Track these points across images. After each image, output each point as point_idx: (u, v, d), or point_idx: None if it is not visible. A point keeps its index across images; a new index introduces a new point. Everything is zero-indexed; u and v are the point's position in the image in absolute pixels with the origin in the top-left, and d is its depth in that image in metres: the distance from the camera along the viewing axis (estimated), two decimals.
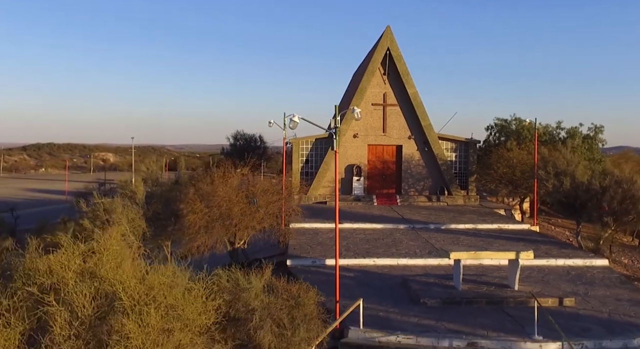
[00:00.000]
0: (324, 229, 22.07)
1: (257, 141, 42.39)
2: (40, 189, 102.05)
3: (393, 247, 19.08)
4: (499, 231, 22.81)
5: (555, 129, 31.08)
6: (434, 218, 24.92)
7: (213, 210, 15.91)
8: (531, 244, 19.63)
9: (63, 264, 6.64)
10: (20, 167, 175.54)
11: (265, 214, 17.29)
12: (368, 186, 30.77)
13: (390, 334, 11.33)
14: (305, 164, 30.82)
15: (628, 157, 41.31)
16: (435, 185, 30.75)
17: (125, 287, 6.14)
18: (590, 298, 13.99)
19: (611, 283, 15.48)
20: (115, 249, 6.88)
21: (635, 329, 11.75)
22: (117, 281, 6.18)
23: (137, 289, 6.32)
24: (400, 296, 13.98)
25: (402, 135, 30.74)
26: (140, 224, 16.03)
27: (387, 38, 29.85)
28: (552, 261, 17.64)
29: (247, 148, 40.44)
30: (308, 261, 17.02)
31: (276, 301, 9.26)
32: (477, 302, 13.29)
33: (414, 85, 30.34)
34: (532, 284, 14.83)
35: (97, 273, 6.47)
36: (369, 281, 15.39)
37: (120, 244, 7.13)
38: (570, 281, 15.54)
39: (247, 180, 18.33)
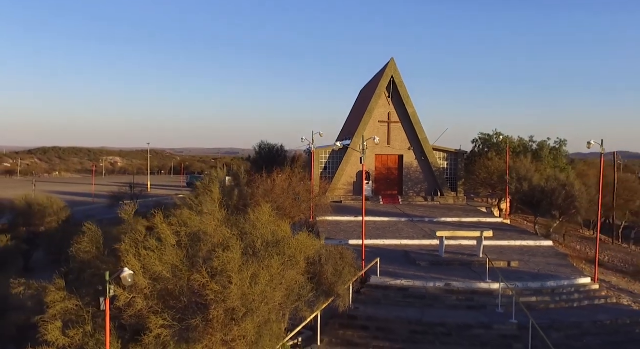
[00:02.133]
0: (343, 221, 28.86)
1: (279, 150, 49.11)
2: (63, 192, 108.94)
3: (397, 233, 25.89)
4: (478, 223, 29.56)
5: (528, 142, 37.83)
6: (429, 213, 31.69)
7: (272, 204, 22.66)
8: (499, 231, 26.43)
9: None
10: (34, 171, 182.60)
11: (306, 208, 24.06)
12: (375, 188, 37.55)
13: (396, 280, 18.13)
14: (324, 170, 37.60)
15: (596, 165, 47.90)
16: (430, 188, 37.54)
17: (274, 235, 12.70)
18: (530, 262, 20.81)
19: (548, 255, 22.31)
20: (267, 216, 13.43)
21: (551, 278, 18.57)
22: (271, 231, 12.76)
23: (274, 231, 12.92)
24: (403, 261, 20.79)
25: (403, 147, 37.54)
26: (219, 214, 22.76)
27: (391, 68, 36.70)
28: (512, 242, 24.48)
29: (270, 156, 47.24)
30: (336, 241, 23.75)
31: (332, 253, 16.01)
32: (453, 264, 20.11)
33: (413, 106, 37.18)
34: (493, 255, 21.60)
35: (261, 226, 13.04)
36: (381, 253, 22.11)
37: (270, 216, 13.70)
38: (521, 254, 22.36)
39: (289, 183, 25.05)
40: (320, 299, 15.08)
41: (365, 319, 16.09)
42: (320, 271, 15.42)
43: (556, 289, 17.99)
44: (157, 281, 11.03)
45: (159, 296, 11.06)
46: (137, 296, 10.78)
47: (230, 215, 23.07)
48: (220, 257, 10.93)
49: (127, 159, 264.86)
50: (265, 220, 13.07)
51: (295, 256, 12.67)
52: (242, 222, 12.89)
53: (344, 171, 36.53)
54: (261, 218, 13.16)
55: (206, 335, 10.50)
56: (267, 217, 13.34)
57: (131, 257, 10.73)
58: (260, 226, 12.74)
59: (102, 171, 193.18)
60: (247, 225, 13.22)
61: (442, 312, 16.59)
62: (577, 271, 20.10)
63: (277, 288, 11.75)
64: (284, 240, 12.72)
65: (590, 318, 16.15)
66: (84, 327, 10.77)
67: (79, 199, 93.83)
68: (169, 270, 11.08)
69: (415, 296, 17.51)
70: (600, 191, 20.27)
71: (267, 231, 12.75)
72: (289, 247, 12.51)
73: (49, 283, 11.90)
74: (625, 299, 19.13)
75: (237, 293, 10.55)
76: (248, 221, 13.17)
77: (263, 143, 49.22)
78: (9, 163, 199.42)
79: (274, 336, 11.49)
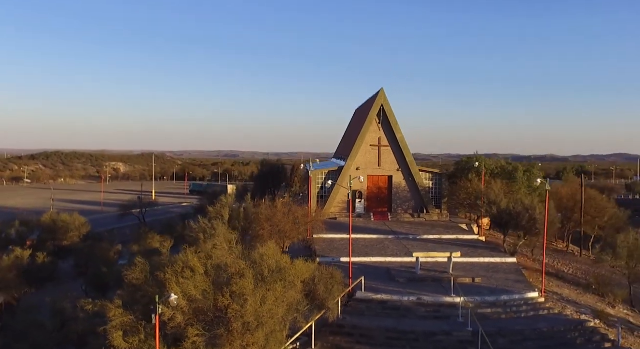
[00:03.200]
0: (336, 238, 32.69)
1: (280, 168, 53.02)
2: (73, 200, 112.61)
3: (382, 251, 29.76)
4: (456, 240, 33.45)
5: (507, 165, 41.63)
6: (413, 231, 35.56)
7: (274, 228, 26.59)
8: (472, 249, 30.35)
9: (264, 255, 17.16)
10: (40, 177, 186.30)
11: (303, 230, 27.98)
12: (367, 206, 41.42)
13: (378, 295, 22.02)
14: (321, 190, 41.47)
15: (572, 181, 51.88)
16: (417, 205, 41.42)
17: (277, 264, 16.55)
18: (492, 278, 24.70)
19: (509, 271, 26.21)
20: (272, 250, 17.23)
21: (506, 292, 22.47)
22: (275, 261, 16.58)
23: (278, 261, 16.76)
24: (385, 278, 24.66)
25: (392, 168, 41.43)
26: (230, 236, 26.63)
27: (381, 98, 40.64)
28: (482, 259, 28.37)
29: (272, 172, 51.17)
30: (329, 259, 27.60)
31: (324, 274, 19.88)
32: (426, 280, 24.00)
33: (400, 132, 41.11)
34: (462, 271, 25.49)
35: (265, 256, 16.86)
36: (367, 270, 26.00)
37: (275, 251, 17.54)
38: (486, 270, 26.25)
39: (289, 208, 28.89)
40: (314, 311, 18.94)
41: (350, 328, 19.95)
42: (314, 289, 19.32)
43: (508, 302, 21.89)
44: (191, 302, 14.93)
45: (193, 312, 14.96)
46: (177, 312, 14.67)
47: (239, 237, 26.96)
48: (238, 283, 14.85)
49: (129, 165, 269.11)
50: (271, 253, 16.93)
51: (294, 281, 16.58)
52: (253, 255, 16.72)
53: (339, 190, 40.40)
54: (267, 252, 17.02)
55: (228, 342, 14.40)
56: (272, 251, 17.20)
57: (174, 284, 14.62)
58: (266, 258, 16.60)
59: (105, 177, 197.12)
60: (257, 256, 17.09)
61: (414, 322, 20.47)
62: (528, 286, 23.96)
63: (280, 306, 15.65)
64: (285, 268, 16.60)
65: (532, 327, 20.02)
66: (139, 335, 14.65)
67: (88, 208, 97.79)
68: (200, 293, 14.97)
69: (392, 308, 21.40)
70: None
71: (272, 261, 16.62)
72: (289, 274, 16.40)
73: (109, 302, 15.73)
74: (569, 310, 22.98)
75: (251, 311, 14.46)
76: (257, 252, 17.02)
77: (265, 161, 53.12)
78: (14, 169, 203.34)
79: (278, 342, 15.38)
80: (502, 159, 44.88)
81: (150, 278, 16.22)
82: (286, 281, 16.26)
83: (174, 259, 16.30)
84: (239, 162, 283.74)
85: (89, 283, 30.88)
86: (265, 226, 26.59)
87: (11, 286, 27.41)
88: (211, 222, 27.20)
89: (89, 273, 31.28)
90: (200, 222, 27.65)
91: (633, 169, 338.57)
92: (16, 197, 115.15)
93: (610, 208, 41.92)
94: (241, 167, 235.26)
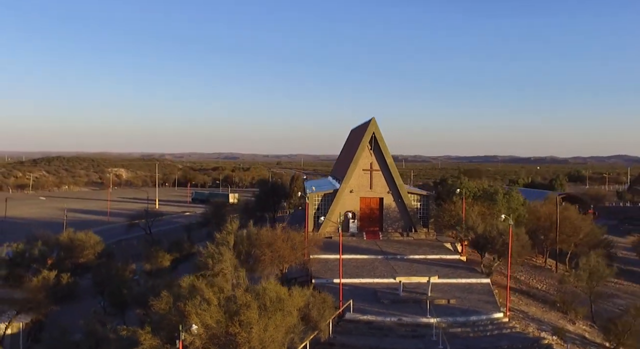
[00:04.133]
0: (331, 259, 36.07)
1: (279, 187, 56.56)
2: (79, 210, 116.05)
3: (371, 272, 33.19)
4: (439, 259, 36.88)
5: (488, 188, 45.06)
6: (401, 250, 38.98)
7: (274, 253, 30.03)
8: (453, 269, 33.79)
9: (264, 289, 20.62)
10: (44, 184, 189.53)
11: (300, 254, 31.43)
12: (360, 226, 44.86)
13: (364, 315, 25.47)
14: (317, 210, 44.92)
15: (551, 200, 55.27)
16: (406, 225, 44.87)
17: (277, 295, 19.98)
18: (465, 299, 28.14)
19: (482, 292, 29.64)
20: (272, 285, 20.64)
21: (475, 313, 25.93)
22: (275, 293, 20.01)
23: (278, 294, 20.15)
24: (371, 299, 28.10)
25: (383, 190, 44.90)
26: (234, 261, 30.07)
27: (372, 126, 44.15)
28: (459, 280, 31.79)
29: (273, 190, 54.71)
30: (324, 280, 31.03)
31: (317, 298, 23.33)
32: (408, 301, 27.45)
33: (390, 157, 44.59)
34: (439, 293, 28.92)
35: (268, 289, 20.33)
36: (357, 291, 29.45)
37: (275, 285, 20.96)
38: (462, 291, 29.68)
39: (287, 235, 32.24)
40: (308, 332, 22.36)
41: (340, 346, 23.39)
42: (308, 313, 22.80)
43: (476, 322, 25.34)
44: (207, 329, 18.38)
45: (209, 337, 18.41)
46: (196, 338, 18.13)
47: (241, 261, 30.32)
48: (245, 314, 18.32)
49: (131, 170, 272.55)
50: (271, 287, 20.37)
51: (291, 310, 20.04)
52: (257, 288, 20.16)
53: (334, 211, 43.86)
54: (268, 286, 20.46)
55: None
56: (272, 285, 20.63)
57: (194, 315, 18.06)
58: (268, 290, 20.05)
59: (109, 183, 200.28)
60: (260, 289, 20.54)
61: (394, 340, 23.89)
62: (496, 306, 27.38)
63: (280, 331, 19.11)
64: (283, 299, 20.05)
65: (494, 344, 23.46)
66: None
67: (95, 218, 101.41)
68: (215, 322, 18.43)
69: (376, 328, 24.84)
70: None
71: (273, 293, 20.07)
72: (287, 305, 19.86)
73: (139, 328, 19.15)
74: (531, 327, 26.43)
75: (256, 337, 17.92)
76: (261, 286, 20.47)
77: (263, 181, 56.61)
78: (18, 176, 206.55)
79: None
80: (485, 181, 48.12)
81: (173, 308, 19.67)
82: (285, 311, 19.73)
83: (192, 291, 19.75)
84: (239, 167, 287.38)
85: (108, 301, 34.34)
86: (266, 251, 30.04)
87: (41, 305, 30.81)
88: (218, 248, 30.66)
89: (108, 291, 34.67)
90: (208, 248, 31.07)
91: (632, 171, 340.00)
92: (22, 206, 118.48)
93: (584, 227, 45.24)
94: (241, 173, 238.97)
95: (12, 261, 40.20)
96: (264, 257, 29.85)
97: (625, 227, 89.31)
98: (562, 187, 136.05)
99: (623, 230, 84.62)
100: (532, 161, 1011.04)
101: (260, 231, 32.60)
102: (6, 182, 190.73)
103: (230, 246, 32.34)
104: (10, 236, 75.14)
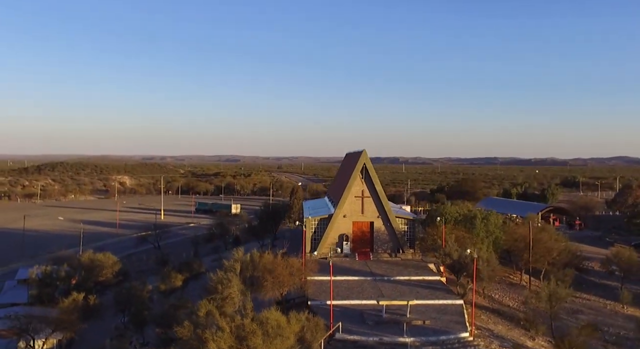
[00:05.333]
0: (326, 280, 40.73)
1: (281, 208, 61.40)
2: (88, 221, 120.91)
3: (360, 293, 37.89)
4: (421, 281, 41.54)
5: (468, 213, 49.81)
6: (389, 272, 43.65)
7: (275, 279, 34.76)
8: (432, 290, 38.50)
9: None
10: (51, 193, 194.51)
11: (298, 279, 36.17)
12: (352, 247, 49.60)
13: (351, 336, 30.20)
14: (314, 233, 49.67)
15: (532, 218, 60.05)
16: (394, 246, 49.59)
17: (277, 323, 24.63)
18: (439, 320, 32.84)
19: (455, 313, 34.35)
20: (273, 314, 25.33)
21: (445, 333, 30.64)
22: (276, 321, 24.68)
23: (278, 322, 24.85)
24: (359, 320, 32.82)
25: (373, 215, 49.65)
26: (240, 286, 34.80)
27: (364, 157, 48.97)
28: (436, 301, 36.49)
29: (275, 211, 59.50)
30: (318, 302, 35.71)
31: (311, 322, 28.06)
32: (389, 322, 32.17)
33: (380, 185, 49.36)
34: (418, 314, 33.62)
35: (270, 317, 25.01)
36: (347, 312, 34.14)
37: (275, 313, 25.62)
38: (437, 312, 34.37)
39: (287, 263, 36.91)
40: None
41: None
42: (303, 336, 27.56)
43: (446, 341, 30.03)
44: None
45: None
46: None
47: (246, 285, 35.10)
48: (252, 340, 23.09)
49: (134, 177, 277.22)
50: (273, 316, 25.10)
51: (289, 334, 24.79)
52: (261, 316, 24.90)
53: (329, 234, 48.63)
54: (270, 315, 25.19)
55: None
56: (274, 315, 25.35)
57: (211, 342, 22.81)
58: (270, 320, 24.78)
59: (114, 191, 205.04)
60: (263, 317, 25.28)
61: None
62: (464, 326, 32.05)
63: None
64: (283, 327, 24.78)
65: None
66: None
67: (104, 230, 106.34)
68: (227, 346, 23.18)
69: (361, 347, 29.56)
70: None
71: (274, 322, 24.80)
72: (286, 331, 24.61)
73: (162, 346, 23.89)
74: (494, 344, 31.11)
75: None
76: (264, 315, 25.18)
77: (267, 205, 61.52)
78: (25, 185, 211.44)
79: None
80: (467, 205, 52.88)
81: (194, 334, 24.39)
82: (284, 336, 24.48)
83: (209, 320, 24.50)
84: (240, 174, 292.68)
85: (129, 320, 39.07)
86: (268, 278, 34.80)
87: (73, 324, 35.52)
88: (227, 274, 35.41)
89: (129, 310, 39.40)
90: (217, 274, 35.81)
91: (631, 174, 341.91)
92: (34, 218, 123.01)
93: (556, 248, 49.81)
94: (243, 181, 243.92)
95: (41, 282, 45.04)
96: (265, 283, 34.60)
97: (612, 237, 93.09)
98: (554, 196, 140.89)
99: (608, 241, 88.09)
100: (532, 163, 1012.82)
101: (262, 256, 37.33)
102: (14, 191, 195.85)
103: (237, 272, 37.15)
104: (32, 250, 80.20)
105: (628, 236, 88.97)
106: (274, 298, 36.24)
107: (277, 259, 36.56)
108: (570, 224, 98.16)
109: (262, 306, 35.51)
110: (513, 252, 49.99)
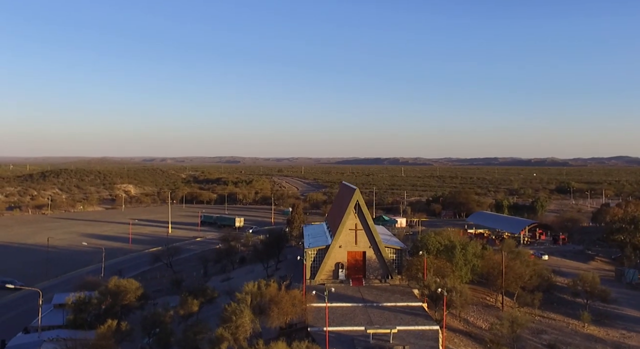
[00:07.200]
0: (323, 307, 47.47)
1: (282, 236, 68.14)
2: (99, 236, 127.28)
3: (353, 319, 44.54)
4: (406, 307, 48.19)
5: (448, 243, 56.48)
6: (378, 298, 50.28)
7: (280, 310, 41.46)
8: (414, 316, 45.19)
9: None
10: (59, 204, 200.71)
11: (300, 310, 42.91)
12: (347, 274, 56.29)
13: None
14: (313, 261, 56.36)
15: (509, 246, 66.79)
16: (384, 273, 56.28)
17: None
18: (417, 345, 39.53)
19: (430, 338, 41.04)
20: (280, 346, 31.89)
21: None
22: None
23: None
24: (349, 345, 39.47)
25: (365, 246, 56.35)
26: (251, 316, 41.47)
27: (356, 195, 55.72)
28: (416, 327, 43.16)
29: (277, 238, 66.20)
30: (316, 328, 42.32)
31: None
32: (375, 348, 38.82)
33: (371, 219, 56.09)
34: (399, 339, 40.26)
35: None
36: (340, 337, 40.77)
37: (282, 346, 32.21)
38: (415, 337, 41.05)
39: (290, 295, 43.56)
40: None
41: None
42: None
43: None
44: None
45: None
46: None
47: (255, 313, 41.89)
48: None
49: (138, 186, 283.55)
50: (279, 347, 31.81)
51: None
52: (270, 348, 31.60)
53: (327, 263, 55.35)
54: (276, 345, 31.91)
55: None
56: (280, 346, 32.06)
57: None
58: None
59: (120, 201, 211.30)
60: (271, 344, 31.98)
61: None
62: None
63: None
64: None
65: None
66: None
67: (116, 246, 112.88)
68: None
69: None
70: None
71: None
72: None
73: None
74: None
75: None
76: (272, 345, 31.86)
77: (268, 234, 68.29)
78: (33, 195, 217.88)
79: None
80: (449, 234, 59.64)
81: None
82: None
83: None
84: (241, 181, 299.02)
85: (155, 342, 45.73)
86: (274, 309, 41.53)
87: (109, 348, 42.16)
88: (239, 306, 42.11)
89: (155, 334, 46.03)
90: (232, 306, 42.46)
91: (631, 174, 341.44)
92: (48, 230, 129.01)
93: (527, 273, 56.45)
94: (245, 189, 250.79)
95: (76, 307, 51.71)
96: (272, 313, 41.34)
97: (594, 249, 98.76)
98: (543, 208, 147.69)
99: (589, 255, 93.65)
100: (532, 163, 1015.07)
101: (269, 286, 43.94)
102: (24, 202, 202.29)
103: (248, 303, 43.88)
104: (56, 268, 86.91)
105: (609, 249, 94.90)
106: (279, 325, 42.97)
107: (282, 292, 43.23)
108: (555, 238, 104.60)
109: (269, 332, 42.46)
110: (489, 277, 56.66)
